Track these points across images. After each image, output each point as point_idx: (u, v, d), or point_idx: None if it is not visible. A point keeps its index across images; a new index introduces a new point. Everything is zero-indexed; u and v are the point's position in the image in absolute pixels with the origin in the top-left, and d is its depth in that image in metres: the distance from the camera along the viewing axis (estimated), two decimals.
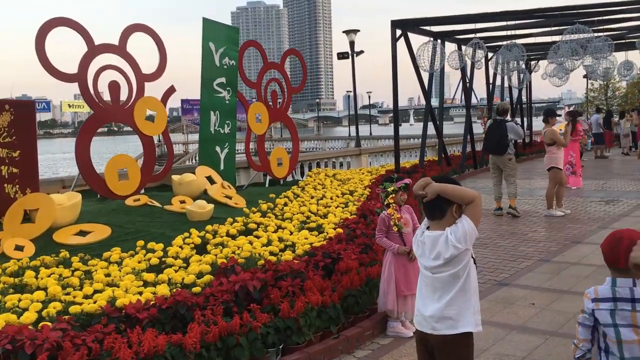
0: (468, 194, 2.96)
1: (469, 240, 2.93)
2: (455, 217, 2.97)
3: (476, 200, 2.95)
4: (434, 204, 2.99)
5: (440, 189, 2.96)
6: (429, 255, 3.06)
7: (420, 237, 3.11)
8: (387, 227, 5.25)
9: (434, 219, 3.05)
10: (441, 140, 17.33)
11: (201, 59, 11.71)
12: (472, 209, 2.95)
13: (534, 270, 7.17)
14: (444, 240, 2.95)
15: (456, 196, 2.95)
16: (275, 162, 13.43)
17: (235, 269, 5.32)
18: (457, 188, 2.98)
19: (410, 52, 15.21)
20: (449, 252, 2.94)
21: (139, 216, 8.88)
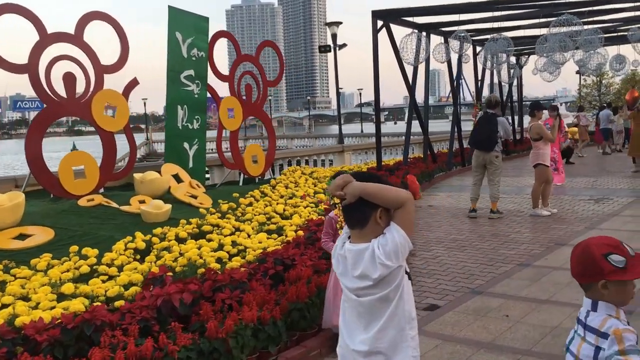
0: (398, 196, 2.28)
1: (401, 255, 2.28)
2: (381, 225, 2.30)
3: (407, 204, 2.28)
4: (355, 207, 2.32)
5: (362, 190, 2.28)
6: (351, 273, 2.39)
7: (340, 249, 2.44)
8: (334, 230, 4.61)
9: (354, 227, 2.38)
10: (426, 136, 16.70)
11: (167, 49, 11.04)
12: (403, 215, 2.27)
13: (512, 276, 6.54)
14: (369, 257, 2.29)
15: (383, 198, 2.28)
16: (249, 160, 12.79)
17: (164, 279, 4.67)
18: (384, 188, 2.29)
19: (393, 45, 14.56)
20: (377, 271, 2.28)
21: (91, 218, 8.22)
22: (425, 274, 6.76)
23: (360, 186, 2.30)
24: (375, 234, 2.30)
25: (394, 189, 2.30)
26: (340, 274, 2.47)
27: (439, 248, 8.04)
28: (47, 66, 9.26)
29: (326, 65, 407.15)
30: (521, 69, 23.33)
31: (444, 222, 9.93)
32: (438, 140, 22.85)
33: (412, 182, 12.72)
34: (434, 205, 11.71)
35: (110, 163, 10.14)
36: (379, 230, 2.29)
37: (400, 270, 2.33)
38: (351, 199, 2.30)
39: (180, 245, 6.36)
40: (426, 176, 14.79)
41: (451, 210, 11.13)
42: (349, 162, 18.19)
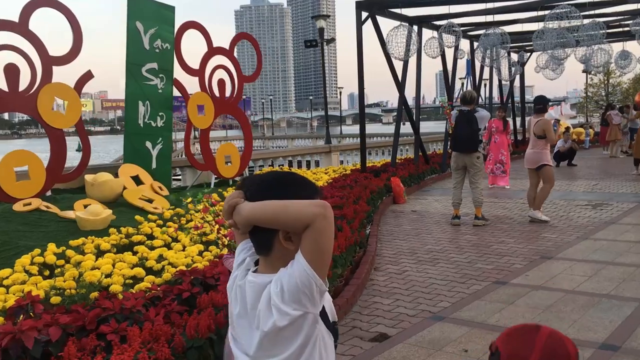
0: (300, 213, 1.47)
1: (305, 297, 1.48)
2: (291, 249, 1.52)
3: (316, 222, 1.46)
4: (254, 233, 1.59)
5: (251, 216, 1.53)
6: (245, 316, 1.60)
7: (239, 280, 1.65)
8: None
9: (259, 252, 1.64)
10: (417, 136, 15.77)
11: (126, 40, 10.18)
12: (310, 238, 1.47)
13: (483, 297, 5.63)
14: (266, 298, 1.53)
15: (280, 222, 1.51)
16: (222, 160, 11.90)
17: (33, 309, 3.80)
18: (281, 206, 1.50)
19: (380, 38, 13.64)
20: (269, 321, 1.51)
21: (21, 224, 7.37)
22: (384, 294, 5.86)
23: (249, 212, 1.54)
24: (285, 262, 1.53)
25: (297, 205, 1.49)
26: (235, 315, 1.65)
27: (409, 261, 7.13)
28: None
29: (335, 66, 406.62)
30: (522, 67, 22.31)
31: (424, 230, 9.02)
32: (433, 141, 21.90)
33: (395, 185, 11.86)
34: (418, 211, 10.80)
35: (59, 163, 9.29)
36: (291, 255, 1.52)
37: (306, 321, 1.51)
38: (244, 230, 1.59)
39: (100, 260, 5.49)
40: (415, 179, 13.88)
41: (435, 216, 10.22)
42: (337, 163, 17.29)
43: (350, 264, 6.27)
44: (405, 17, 14.38)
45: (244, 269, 1.66)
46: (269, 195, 1.52)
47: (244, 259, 1.68)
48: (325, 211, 1.45)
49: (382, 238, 8.47)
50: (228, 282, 1.72)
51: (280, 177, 1.62)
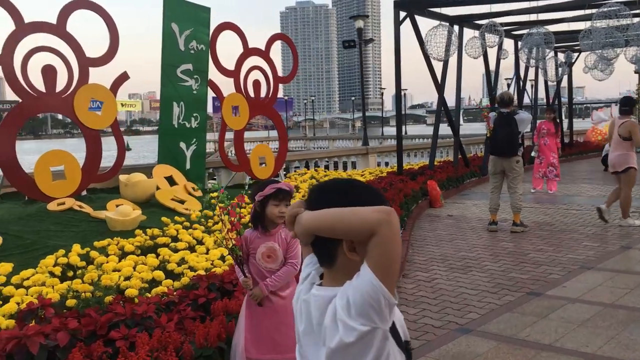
0: (364, 221, 1.37)
1: (373, 312, 1.36)
2: (357, 260, 1.42)
3: (381, 230, 1.35)
4: (317, 244, 1.51)
5: (312, 226, 1.45)
6: (311, 332, 1.51)
7: (304, 294, 1.57)
8: (247, 249, 3.61)
9: (322, 264, 1.56)
10: (457, 138, 15.38)
11: (161, 42, 10.24)
12: (375, 247, 1.36)
13: (515, 310, 5.36)
14: (331, 313, 1.43)
15: (342, 231, 1.41)
16: (256, 162, 11.87)
17: (44, 313, 3.76)
18: (343, 215, 1.41)
19: (419, 38, 13.36)
20: (335, 337, 1.40)
21: (53, 224, 7.46)
22: (411, 302, 5.65)
23: (308, 221, 1.46)
24: (350, 274, 1.42)
25: (358, 212, 1.39)
26: (301, 332, 1.56)
27: (440, 268, 6.89)
28: (24, 58, 8.60)
29: (379, 67, 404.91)
30: (570, 67, 21.58)
31: (458, 236, 8.73)
32: (474, 143, 21.40)
33: (432, 189, 11.58)
34: (454, 215, 10.50)
35: (95, 164, 9.40)
36: (356, 266, 1.41)
37: (375, 337, 1.38)
38: (305, 240, 1.50)
39: (122, 262, 5.46)
40: (453, 182, 13.54)
41: (472, 221, 9.91)
42: (374, 165, 17.06)
43: None
44: (445, 17, 14.04)
45: (308, 282, 1.58)
46: (330, 203, 1.43)
47: (309, 273, 1.60)
48: (390, 217, 1.35)
49: (414, 243, 8.24)
50: (293, 297, 1.64)
51: (342, 183, 1.54)
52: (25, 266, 5.73)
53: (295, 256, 3.60)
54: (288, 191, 3.54)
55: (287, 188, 3.53)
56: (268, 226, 3.58)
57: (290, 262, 3.59)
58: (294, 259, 3.60)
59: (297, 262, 3.60)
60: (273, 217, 3.53)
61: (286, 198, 3.54)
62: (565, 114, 25.53)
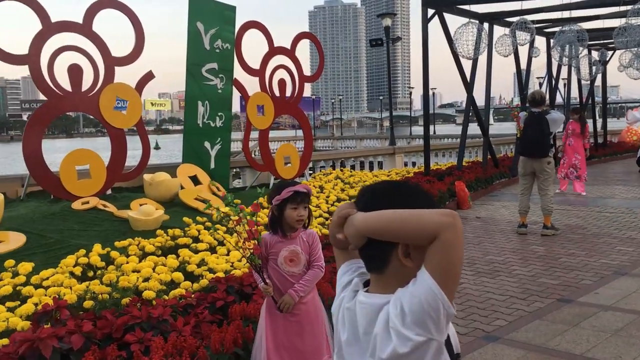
0: (424, 223, 1.29)
1: (431, 320, 1.28)
2: (410, 266, 1.35)
3: (444, 234, 1.27)
4: (368, 248, 1.41)
5: (364, 228, 1.36)
6: (356, 342, 1.42)
7: (348, 301, 1.49)
8: (267, 253, 3.50)
9: (371, 270, 1.46)
10: (486, 138, 15.07)
11: (187, 41, 10.22)
12: (437, 252, 1.28)
13: (544, 317, 5.15)
14: (383, 321, 1.34)
15: (398, 234, 1.32)
16: (281, 161, 11.78)
17: (59, 315, 3.70)
18: (400, 216, 1.32)
19: (447, 36, 13.12)
20: (388, 347, 1.32)
21: (76, 223, 7.46)
22: None
23: (363, 222, 1.36)
24: (402, 280, 1.35)
25: (420, 214, 1.31)
26: (344, 341, 1.47)
27: (467, 272, 6.69)
28: (51, 57, 8.65)
29: (408, 66, 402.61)
30: (604, 66, 21.01)
31: (486, 238, 8.51)
32: (504, 143, 21.00)
33: (460, 190, 11.35)
34: (482, 217, 10.26)
35: (120, 162, 9.42)
36: (409, 273, 1.34)
37: (429, 349, 1.30)
38: (356, 243, 1.40)
39: (142, 262, 5.41)
40: (482, 183, 13.25)
41: (500, 223, 9.66)
42: (401, 165, 16.83)
43: None
44: (475, 14, 13.77)
45: (351, 290, 1.49)
46: (385, 204, 1.35)
47: (350, 280, 1.52)
48: (455, 221, 1.27)
49: None
50: (333, 305, 1.54)
51: (397, 185, 1.48)
52: (47, 265, 5.73)
53: (320, 258, 3.50)
54: (306, 193, 3.42)
55: (305, 190, 3.41)
56: (286, 230, 3.47)
57: (316, 265, 3.48)
58: (319, 261, 3.49)
59: (322, 264, 3.50)
60: (291, 221, 3.42)
61: (304, 201, 3.42)
62: (599, 113, 24.93)
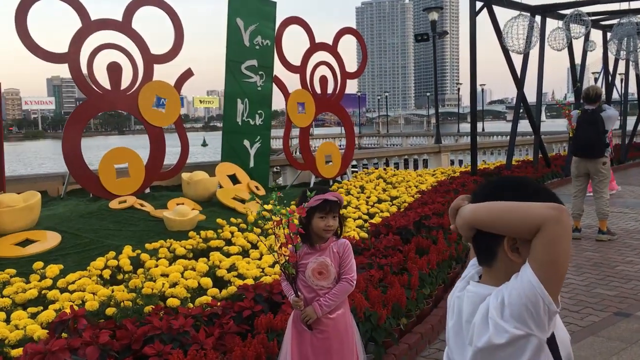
0: (527, 216, 1.29)
1: (528, 316, 1.28)
2: (517, 261, 1.35)
3: (547, 226, 1.26)
4: (477, 240, 1.45)
5: (472, 219, 1.40)
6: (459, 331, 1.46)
7: (459, 291, 1.53)
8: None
9: (481, 263, 1.50)
10: (538, 136, 14.42)
11: (226, 37, 10.07)
12: (542, 246, 1.27)
13: (599, 333, 4.72)
14: (484, 310, 1.36)
15: (502, 226, 1.35)
16: (322, 160, 11.54)
17: (76, 324, 3.53)
18: (506, 209, 1.34)
19: (496, 29, 12.59)
20: (484, 336, 1.34)
21: (113, 222, 7.40)
22: None
23: (470, 213, 1.41)
24: (510, 274, 1.36)
25: (525, 206, 1.32)
26: (450, 330, 1.52)
27: None
28: (90, 55, 8.65)
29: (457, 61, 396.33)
30: None
31: None
32: (556, 142, 20.19)
33: None
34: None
35: (158, 161, 9.36)
36: (516, 268, 1.35)
37: (528, 344, 1.30)
38: (465, 235, 1.45)
39: (172, 266, 5.23)
40: None
41: None
42: (447, 164, 16.32)
43: (443, 282, 5.57)
44: (526, 6, 13.16)
45: (465, 280, 1.52)
46: (496, 197, 1.38)
47: (469, 273, 1.55)
48: (560, 214, 1.26)
49: None
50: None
51: (512, 180, 1.46)
52: (79, 266, 5.64)
53: (350, 270, 3.19)
54: (336, 202, 3.13)
55: (335, 199, 3.12)
56: (314, 240, 3.19)
57: (345, 278, 3.17)
58: (349, 273, 3.17)
59: (352, 277, 3.18)
60: (319, 231, 3.13)
61: (333, 210, 3.13)
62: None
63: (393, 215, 7.51)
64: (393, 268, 5.13)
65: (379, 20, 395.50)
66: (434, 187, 10.36)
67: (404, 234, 6.38)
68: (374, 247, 5.83)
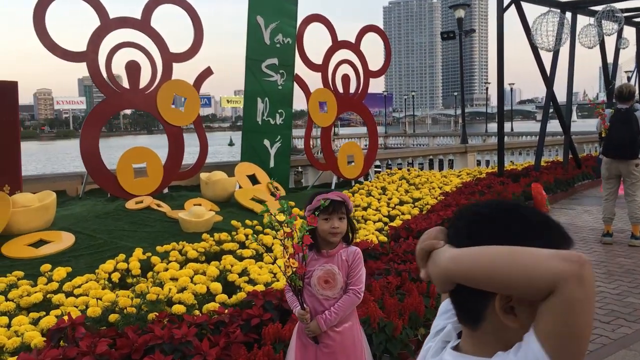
0: (535, 271, 0.87)
1: None
2: (513, 325, 0.95)
3: (565, 288, 0.85)
4: (457, 295, 1.04)
5: (450, 269, 0.99)
6: None
7: (432, 356, 1.15)
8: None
9: (462, 322, 1.08)
10: (568, 136, 13.97)
11: (246, 35, 9.92)
12: (556, 314, 0.86)
13: (631, 346, 4.41)
14: None
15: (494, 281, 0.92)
16: (344, 160, 11.32)
17: (73, 332, 3.38)
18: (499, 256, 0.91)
19: (525, 26, 12.22)
20: None
21: (128, 223, 7.29)
22: None
23: (450, 262, 0.99)
24: (502, 341, 0.98)
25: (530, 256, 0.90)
26: None
27: None
28: (108, 54, 8.57)
29: (485, 60, 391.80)
30: None
31: None
32: (587, 142, 19.62)
33: (536, 193, 10.47)
34: (562, 223, 9.35)
35: (177, 161, 9.25)
36: (512, 333, 0.96)
37: None
38: (441, 288, 1.04)
39: (182, 270, 5.07)
40: (562, 185, 12.27)
41: (582, 230, 8.78)
42: (473, 164, 15.95)
43: None
44: (556, 2, 12.76)
45: (441, 340, 1.14)
46: (483, 237, 0.97)
47: (444, 326, 1.16)
48: (582, 270, 0.87)
49: None
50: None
51: (504, 208, 1.04)
52: (90, 268, 5.53)
53: (359, 281, 2.96)
54: (339, 202, 2.91)
55: (339, 198, 2.91)
56: (321, 245, 2.97)
57: (353, 289, 2.94)
58: (357, 285, 2.95)
59: (360, 288, 2.96)
60: (324, 234, 2.92)
61: (337, 210, 2.91)
62: None
63: (414, 218, 7.26)
64: (412, 274, 4.89)
65: (407, 19, 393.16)
66: (459, 189, 10.06)
67: None
68: (392, 251, 5.60)
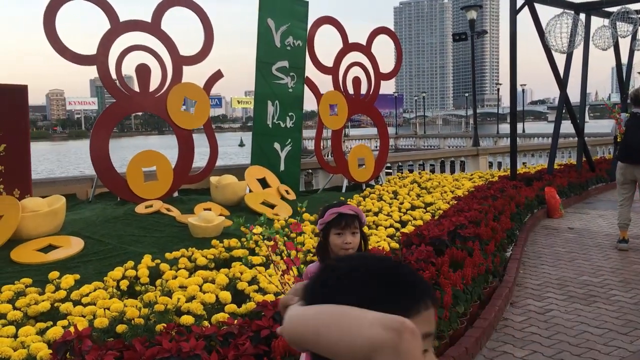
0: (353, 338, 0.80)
1: None
2: None
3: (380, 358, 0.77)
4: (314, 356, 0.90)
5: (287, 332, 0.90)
6: None
7: None
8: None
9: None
10: (581, 139, 13.80)
11: (257, 38, 9.85)
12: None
13: None
14: None
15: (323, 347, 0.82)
16: (355, 163, 11.23)
17: (80, 344, 3.31)
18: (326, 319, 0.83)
19: (538, 28, 12.07)
20: None
21: (138, 228, 7.24)
22: (518, 341, 4.72)
23: (287, 325, 0.91)
24: None
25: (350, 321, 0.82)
26: None
27: (557, 295, 5.85)
28: (119, 57, 8.53)
29: (497, 61, 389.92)
30: None
31: (580, 254, 7.56)
32: (601, 144, 19.39)
33: (550, 197, 10.34)
34: (576, 228, 9.23)
35: (187, 164, 9.20)
36: None
37: None
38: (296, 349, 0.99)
39: (191, 278, 5.00)
40: (576, 188, 12.11)
41: (597, 236, 8.63)
42: (485, 167, 15.78)
43: (478, 299, 5.20)
44: (570, 4, 12.60)
45: None
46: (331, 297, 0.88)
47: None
48: (400, 341, 0.78)
49: (526, 262, 7.19)
50: None
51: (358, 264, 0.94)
52: (99, 275, 5.47)
53: None
54: (353, 216, 2.83)
55: (351, 212, 2.82)
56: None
57: None
58: None
59: None
60: (336, 249, 2.83)
61: (350, 224, 2.82)
62: None
63: (426, 224, 7.15)
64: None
65: (417, 20, 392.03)
66: (471, 193, 9.93)
67: (437, 244, 6.02)
68: (404, 259, 5.49)
